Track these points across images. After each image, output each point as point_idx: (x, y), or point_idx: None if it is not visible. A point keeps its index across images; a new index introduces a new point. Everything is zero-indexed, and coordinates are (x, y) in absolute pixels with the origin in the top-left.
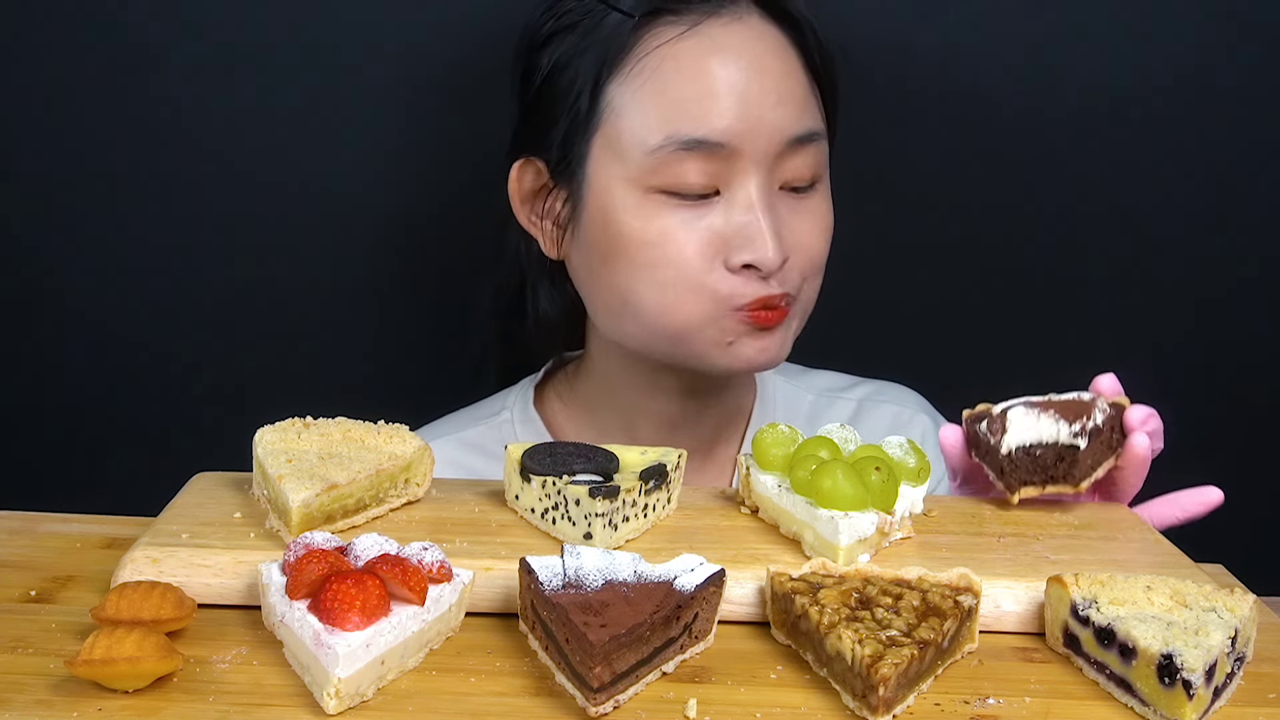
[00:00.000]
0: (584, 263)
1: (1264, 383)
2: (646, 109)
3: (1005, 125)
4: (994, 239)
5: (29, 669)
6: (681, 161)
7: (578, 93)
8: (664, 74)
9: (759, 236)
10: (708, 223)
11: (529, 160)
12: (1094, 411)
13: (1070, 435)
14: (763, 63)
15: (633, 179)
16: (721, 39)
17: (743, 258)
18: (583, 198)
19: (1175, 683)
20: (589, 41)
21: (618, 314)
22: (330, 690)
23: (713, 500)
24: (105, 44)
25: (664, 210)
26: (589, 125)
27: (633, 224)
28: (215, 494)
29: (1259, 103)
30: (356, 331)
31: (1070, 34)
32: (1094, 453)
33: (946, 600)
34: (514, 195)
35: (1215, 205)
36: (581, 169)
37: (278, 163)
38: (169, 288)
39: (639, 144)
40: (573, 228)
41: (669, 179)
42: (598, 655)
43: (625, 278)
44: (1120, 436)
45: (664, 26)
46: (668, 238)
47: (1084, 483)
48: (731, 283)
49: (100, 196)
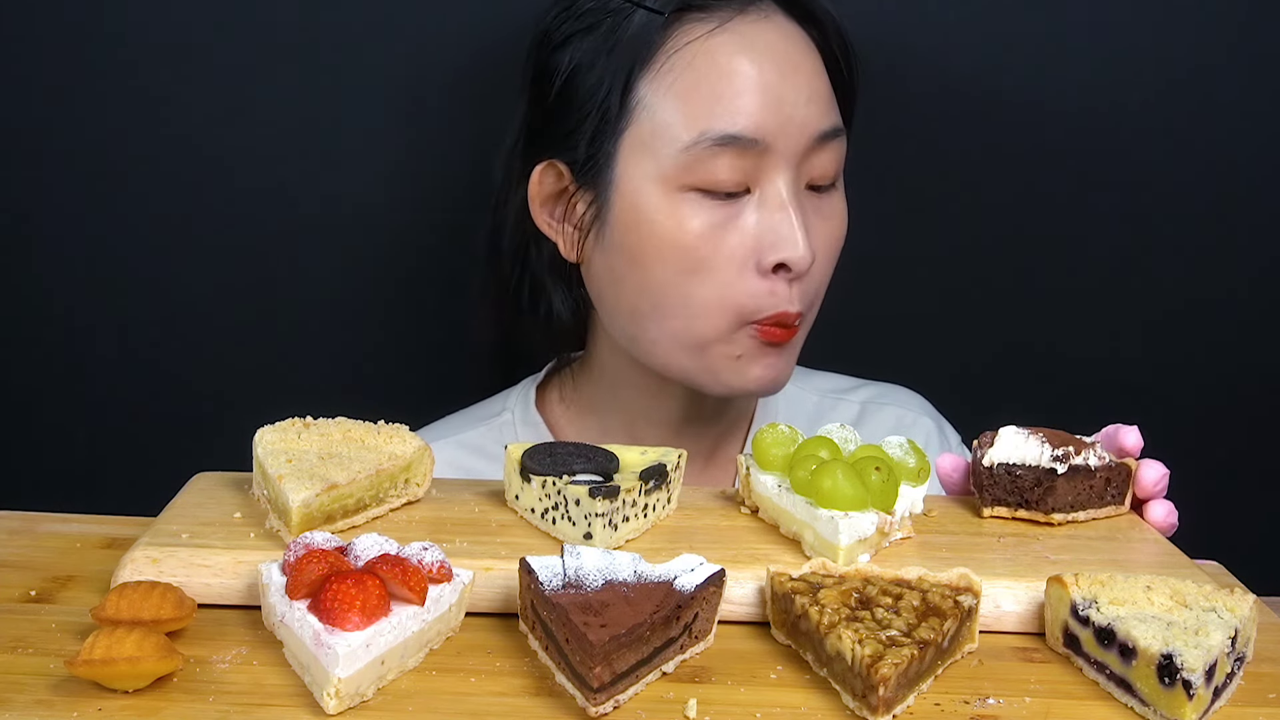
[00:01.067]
0: (608, 266)
1: (1264, 383)
2: (679, 106)
3: (1010, 127)
4: (999, 241)
5: (29, 669)
6: (715, 158)
7: (606, 92)
8: (696, 71)
9: (791, 235)
10: (740, 223)
11: (550, 163)
12: (1086, 451)
13: (1050, 459)
14: (792, 60)
15: (665, 178)
16: (752, 36)
17: (775, 257)
18: (609, 200)
19: (1175, 683)
20: (615, 40)
21: (643, 317)
22: (330, 690)
23: (713, 500)
24: (107, 47)
25: (697, 210)
26: (618, 125)
27: (666, 224)
28: (215, 494)
29: (1263, 101)
30: (357, 332)
31: (1074, 33)
32: (1075, 491)
33: (946, 600)
34: (533, 198)
35: (1220, 205)
36: (609, 170)
37: (278, 163)
38: (169, 288)
39: (672, 141)
40: (597, 230)
41: (702, 176)
42: (598, 655)
43: (655, 280)
44: (1117, 493)
45: (693, 24)
46: (701, 239)
47: (1056, 517)
48: (758, 289)
49: (101, 197)
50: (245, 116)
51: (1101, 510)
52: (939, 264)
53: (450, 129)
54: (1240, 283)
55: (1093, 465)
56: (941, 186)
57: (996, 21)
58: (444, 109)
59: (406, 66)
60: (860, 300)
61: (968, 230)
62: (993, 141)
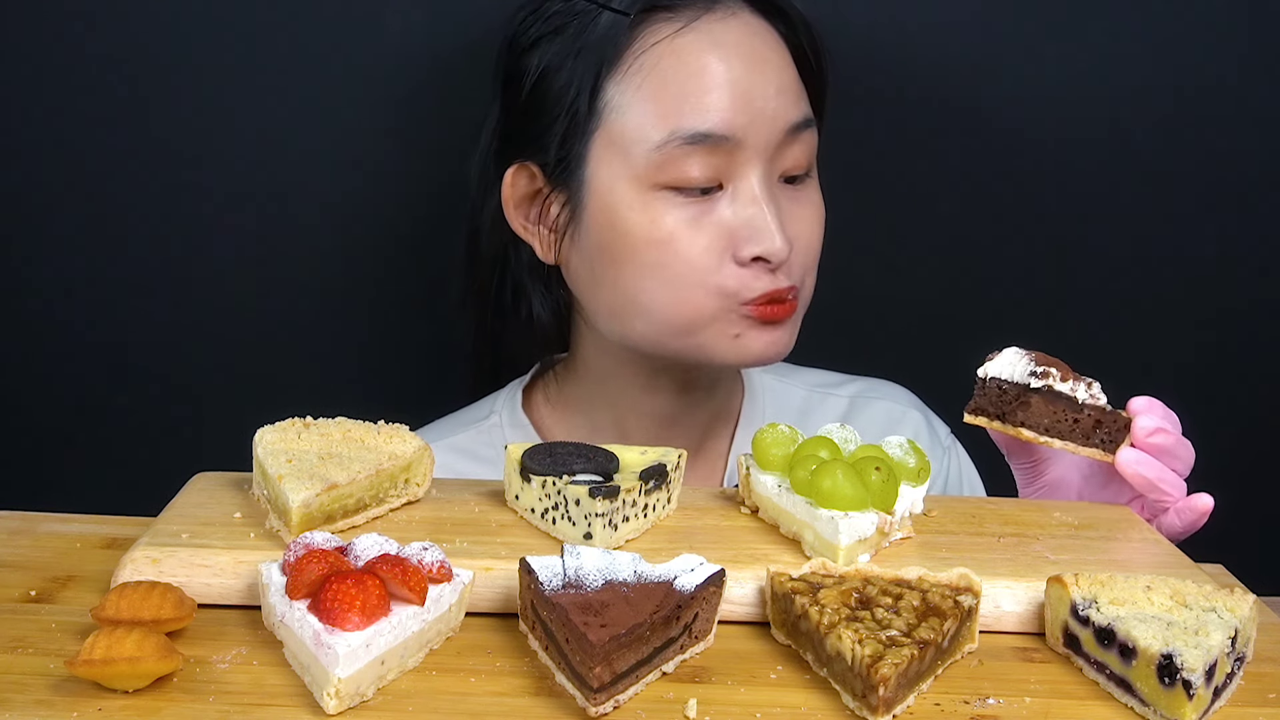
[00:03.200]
0: (585, 266)
1: (1264, 384)
2: (648, 106)
3: (997, 120)
4: (987, 235)
5: (29, 669)
6: (686, 156)
7: (575, 94)
8: (663, 70)
9: (766, 228)
10: (714, 218)
11: (522, 165)
12: (1077, 384)
13: (1028, 376)
14: (759, 55)
15: (637, 177)
16: (719, 34)
17: (751, 250)
18: (583, 200)
19: (1175, 683)
20: (582, 42)
21: (624, 314)
22: (330, 690)
23: (713, 500)
24: (106, 49)
25: (670, 207)
26: (588, 126)
27: (639, 222)
28: (215, 494)
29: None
30: (357, 332)
31: (1065, 32)
32: (1053, 416)
33: (946, 600)
34: (507, 201)
35: (1216, 207)
36: (580, 171)
37: (277, 164)
38: (169, 288)
39: (642, 141)
40: (572, 231)
41: (674, 175)
42: (598, 655)
43: (632, 278)
44: (1107, 440)
45: (660, 24)
46: (675, 236)
47: (1025, 432)
48: (740, 276)
49: (99, 198)
50: (247, 119)
51: (1084, 449)
52: (927, 261)
53: (451, 130)
54: (1239, 282)
55: (1080, 398)
56: (931, 182)
57: (989, 12)
58: (445, 110)
59: (406, 66)
60: (849, 297)
61: (959, 227)
62: (983, 135)
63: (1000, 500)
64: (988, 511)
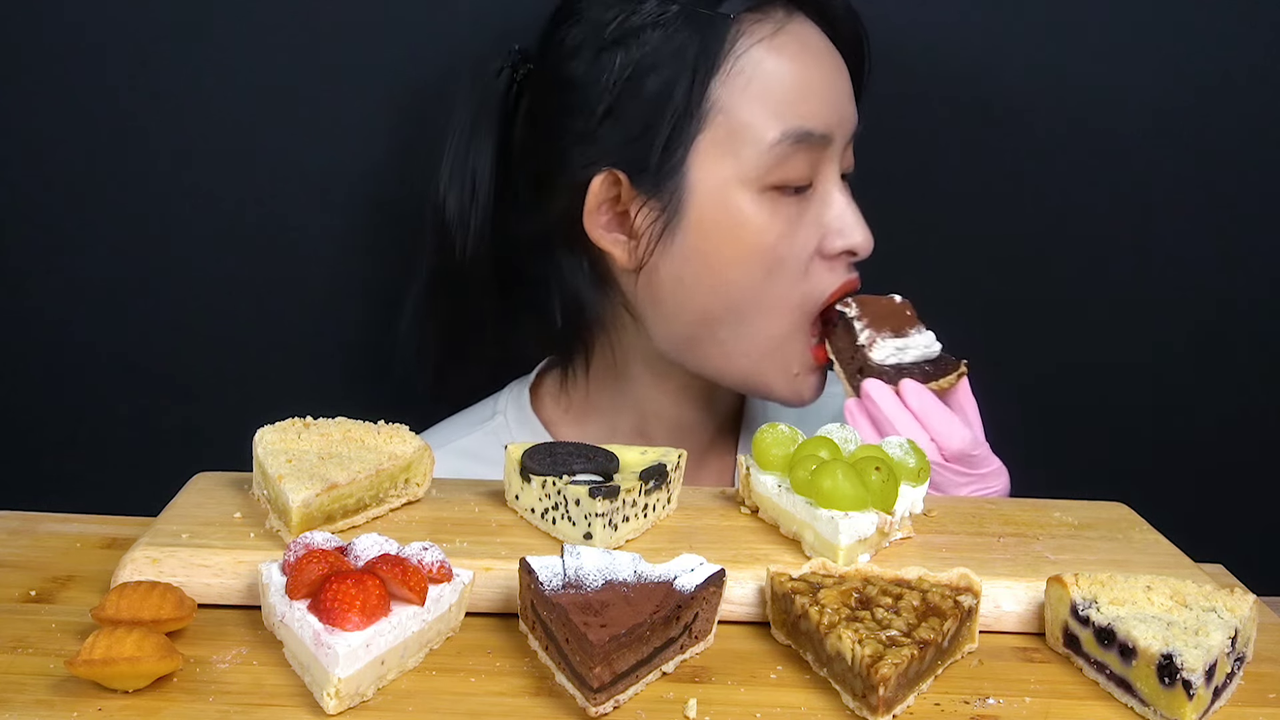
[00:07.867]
0: (674, 272)
1: (1264, 383)
2: (757, 106)
3: (997, 119)
4: (986, 234)
5: (29, 669)
6: (793, 155)
7: (678, 96)
8: (767, 71)
9: (856, 224)
10: (810, 216)
11: (609, 172)
12: (881, 329)
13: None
14: (836, 60)
15: (747, 179)
16: (804, 38)
17: (842, 244)
18: (682, 205)
19: (1175, 683)
20: (678, 42)
21: (715, 321)
22: (330, 690)
23: (713, 500)
24: (106, 50)
25: (778, 208)
26: (691, 129)
27: (753, 225)
28: (215, 494)
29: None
30: (357, 332)
31: (1073, 32)
32: (845, 342)
33: (946, 600)
34: (590, 210)
35: (1222, 205)
36: (679, 175)
37: (277, 163)
38: (170, 288)
39: (755, 141)
40: (668, 237)
41: (785, 173)
42: (598, 655)
43: (733, 281)
44: (932, 373)
45: (754, 25)
46: (782, 237)
47: (828, 345)
48: (821, 272)
49: (99, 198)
50: (247, 118)
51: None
52: (934, 261)
53: None
54: (1242, 285)
55: (860, 340)
56: (939, 184)
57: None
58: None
59: (407, 66)
60: None
61: (965, 227)
62: (989, 136)
63: (1000, 500)
64: (988, 511)
